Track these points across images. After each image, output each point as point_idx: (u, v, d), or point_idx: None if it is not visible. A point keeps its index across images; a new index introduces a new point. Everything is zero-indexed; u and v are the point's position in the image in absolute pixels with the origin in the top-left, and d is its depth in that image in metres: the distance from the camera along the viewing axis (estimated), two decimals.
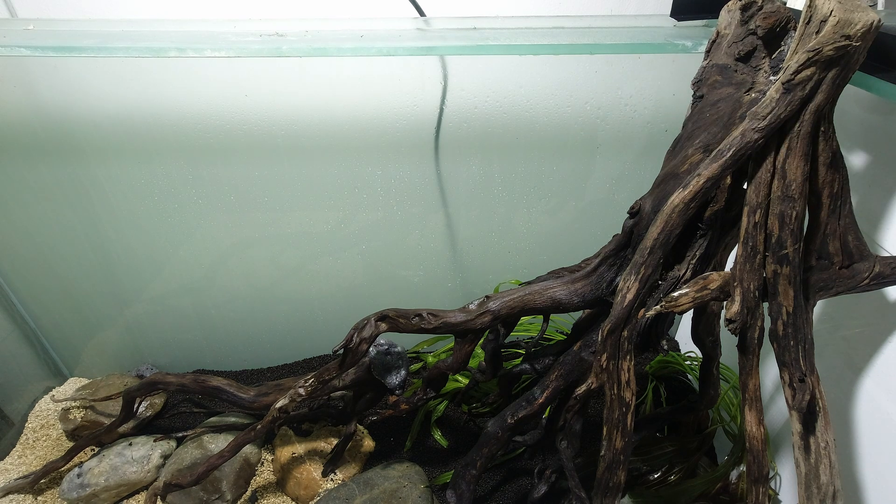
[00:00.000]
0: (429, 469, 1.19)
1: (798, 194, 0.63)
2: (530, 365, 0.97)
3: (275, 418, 0.96)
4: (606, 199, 1.30)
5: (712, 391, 0.96)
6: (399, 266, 1.38)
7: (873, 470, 0.84)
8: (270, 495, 1.19)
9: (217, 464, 1.01)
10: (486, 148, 1.19)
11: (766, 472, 0.74)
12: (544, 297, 0.83)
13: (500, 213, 1.30)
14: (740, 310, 0.68)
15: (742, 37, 0.71)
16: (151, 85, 1.04)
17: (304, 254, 1.32)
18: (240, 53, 0.84)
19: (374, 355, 1.03)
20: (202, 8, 1.00)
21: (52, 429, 1.33)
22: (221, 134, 1.10)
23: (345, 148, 1.15)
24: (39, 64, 1.01)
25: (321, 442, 1.23)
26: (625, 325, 0.74)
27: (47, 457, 1.26)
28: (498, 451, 0.94)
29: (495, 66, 1.09)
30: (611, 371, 0.76)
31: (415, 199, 1.24)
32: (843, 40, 0.56)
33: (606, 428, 0.78)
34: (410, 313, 0.85)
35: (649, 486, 1.08)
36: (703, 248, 0.74)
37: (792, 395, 0.68)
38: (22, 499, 1.17)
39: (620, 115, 1.17)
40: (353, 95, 1.09)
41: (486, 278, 1.42)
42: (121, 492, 1.16)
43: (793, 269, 0.65)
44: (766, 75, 0.70)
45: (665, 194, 0.71)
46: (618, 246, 0.79)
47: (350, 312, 1.36)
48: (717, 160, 0.64)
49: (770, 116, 0.61)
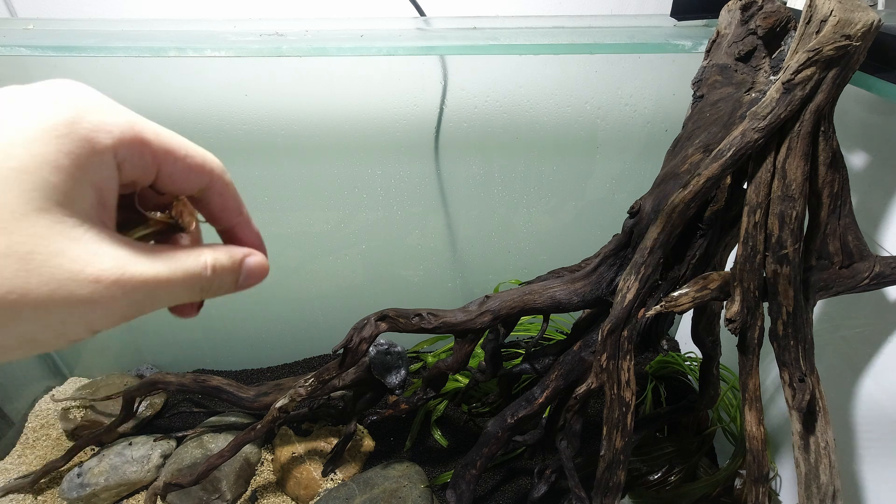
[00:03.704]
0: (429, 469, 1.19)
1: (798, 194, 0.63)
2: (530, 365, 0.97)
3: (275, 418, 0.96)
4: (606, 199, 1.30)
5: (712, 391, 0.96)
6: (399, 266, 1.38)
7: (873, 470, 0.84)
8: (270, 495, 1.19)
9: (217, 463, 1.01)
10: (486, 148, 1.19)
11: (766, 472, 0.74)
12: (544, 297, 0.82)
13: (500, 213, 1.30)
14: (740, 310, 0.68)
15: (742, 36, 0.71)
16: (151, 84, 1.04)
17: (304, 254, 1.32)
18: (240, 53, 0.84)
19: (374, 355, 1.03)
20: (202, 8, 1.00)
21: (52, 428, 1.33)
22: (221, 134, 1.10)
23: (345, 148, 1.15)
24: (40, 63, 1.01)
25: (321, 442, 1.23)
26: (625, 324, 0.74)
27: (47, 456, 1.26)
28: (498, 450, 0.94)
29: (495, 66, 1.09)
30: (611, 371, 0.76)
31: (415, 199, 1.24)
32: (844, 40, 0.56)
33: (606, 428, 0.78)
34: (410, 313, 0.85)
35: (649, 486, 1.08)
36: (703, 248, 0.74)
37: (792, 395, 0.68)
38: (22, 498, 1.17)
39: (620, 115, 1.17)
40: (353, 95, 1.09)
41: (486, 278, 1.42)
42: (121, 491, 1.16)
43: (793, 269, 0.65)
44: (766, 75, 0.70)
45: (665, 194, 0.71)
46: (618, 246, 0.79)
47: (350, 312, 1.36)
48: (717, 160, 0.64)
49: (770, 116, 0.61)
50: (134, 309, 0.24)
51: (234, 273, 0.29)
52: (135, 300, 0.24)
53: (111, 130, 0.24)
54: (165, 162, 0.27)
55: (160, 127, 0.27)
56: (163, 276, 0.25)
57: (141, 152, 0.26)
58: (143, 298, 0.24)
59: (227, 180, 0.31)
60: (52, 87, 0.24)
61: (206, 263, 0.27)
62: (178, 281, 0.26)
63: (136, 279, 0.24)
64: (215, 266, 0.28)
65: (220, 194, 0.31)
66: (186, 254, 0.27)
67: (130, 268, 0.24)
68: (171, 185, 0.28)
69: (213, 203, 0.31)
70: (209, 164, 0.30)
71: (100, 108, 0.24)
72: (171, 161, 0.27)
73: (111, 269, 0.23)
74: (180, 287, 0.26)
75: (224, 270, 0.28)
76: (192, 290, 0.27)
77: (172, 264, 0.26)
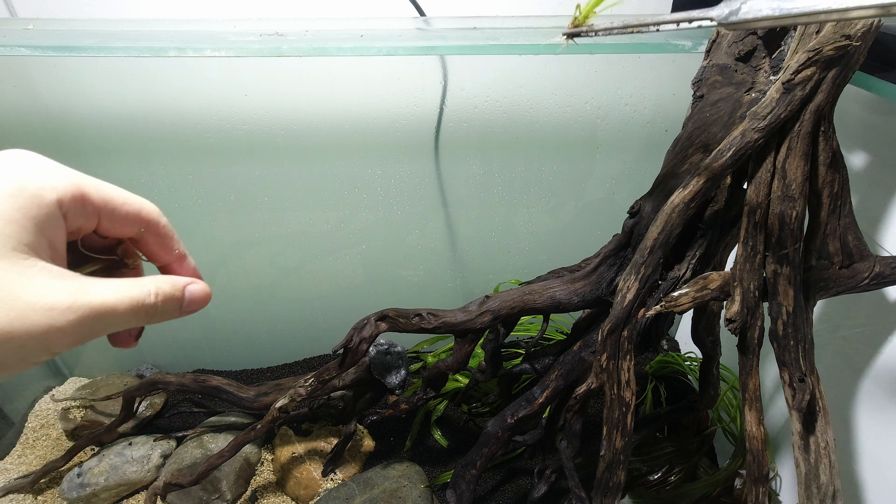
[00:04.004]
0: (429, 469, 1.19)
1: (798, 194, 0.63)
2: (530, 365, 0.97)
3: (275, 418, 0.96)
4: (606, 199, 1.30)
5: (712, 391, 0.96)
6: (399, 266, 1.38)
7: (873, 470, 0.84)
8: (270, 495, 1.19)
9: (217, 463, 1.01)
10: (486, 148, 1.19)
11: (766, 472, 0.74)
12: (544, 297, 0.82)
13: (500, 213, 1.30)
14: (740, 310, 0.68)
15: (742, 36, 0.71)
16: (151, 84, 1.04)
17: (304, 254, 1.32)
18: (240, 53, 0.84)
19: (374, 355, 1.03)
20: (202, 8, 1.00)
21: (52, 428, 1.33)
22: (221, 134, 1.10)
23: (345, 148, 1.15)
24: (40, 63, 1.01)
25: (321, 442, 1.23)
26: (625, 324, 0.74)
27: (47, 456, 1.26)
28: (498, 450, 0.94)
29: (495, 66, 1.09)
30: (611, 371, 0.76)
31: (415, 199, 1.24)
32: (844, 40, 0.56)
33: (606, 428, 0.78)
34: (410, 313, 0.85)
35: (649, 486, 1.08)
36: (703, 248, 0.74)
37: (792, 395, 0.68)
38: (22, 498, 1.17)
39: (620, 115, 1.17)
40: (353, 95, 1.09)
41: (486, 278, 1.42)
42: (121, 491, 1.16)
43: (793, 269, 0.65)
44: (766, 75, 0.70)
45: (665, 194, 0.71)
46: (618, 246, 0.79)
47: (350, 312, 1.36)
48: (717, 160, 0.64)
49: (770, 116, 0.61)
50: (86, 331, 0.28)
51: (177, 300, 0.33)
52: (86, 324, 0.28)
53: (55, 187, 0.29)
54: (105, 210, 0.32)
55: (101, 182, 0.32)
56: (110, 303, 0.29)
57: (83, 203, 0.30)
58: (93, 322, 0.28)
59: (164, 223, 0.36)
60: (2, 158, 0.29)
61: (150, 290, 0.31)
62: (125, 306, 0.29)
63: (86, 305, 0.28)
64: (158, 293, 0.31)
65: (158, 235, 0.36)
66: (132, 283, 0.31)
67: (81, 296, 0.27)
68: (112, 230, 0.33)
69: (151, 243, 0.36)
70: (145, 210, 0.35)
71: (45, 170, 0.29)
72: (109, 209, 0.32)
73: (63, 298, 0.27)
74: (128, 311, 0.30)
75: (167, 297, 0.32)
76: (138, 314, 0.30)
77: (119, 292, 0.29)
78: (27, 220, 0.27)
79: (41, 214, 0.28)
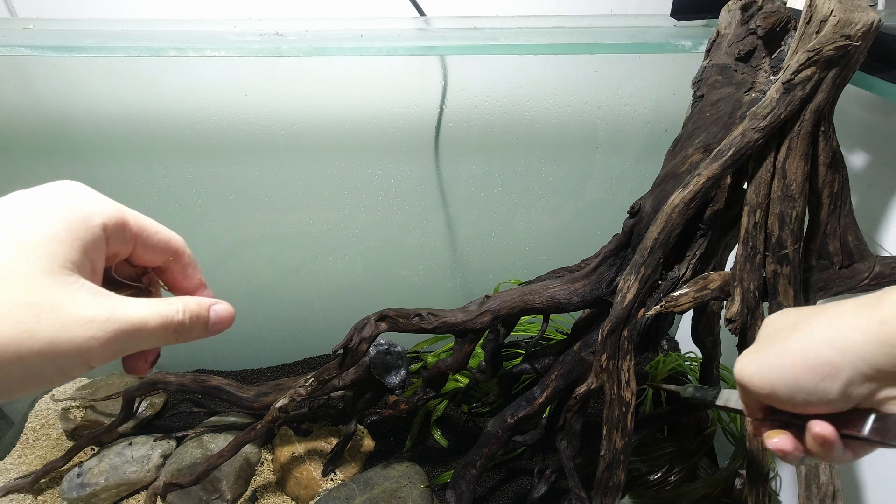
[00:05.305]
0: (429, 469, 1.19)
1: (798, 194, 0.63)
2: (530, 365, 0.97)
3: (275, 418, 0.96)
4: (606, 199, 1.30)
5: None
6: (399, 266, 1.38)
7: (873, 470, 0.84)
8: (270, 495, 1.19)
9: (217, 463, 1.01)
10: (486, 148, 1.19)
11: (765, 472, 0.74)
12: (544, 297, 0.83)
13: (500, 213, 1.30)
14: (740, 310, 0.68)
15: (742, 36, 0.71)
16: (151, 84, 1.04)
17: (304, 254, 1.32)
18: (240, 53, 0.84)
19: (374, 355, 1.03)
20: (202, 8, 1.00)
21: (52, 428, 1.33)
22: (221, 134, 1.10)
23: (345, 148, 1.15)
24: (40, 63, 1.01)
25: (321, 442, 1.23)
26: (625, 324, 0.74)
27: (47, 456, 1.26)
28: (498, 450, 0.94)
29: (495, 66, 1.09)
30: (611, 371, 0.76)
31: (415, 199, 1.24)
32: (844, 40, 0.56)
33: (606, 428, 0.78)
34: (410, 313, 0.85)
35: (649, 486, 1.08)
36: (703, 248, 0.74)
37: None
38: (22, 498, 1.17)
39: (620, 115, 1.17)
40: (353, 95, 1.09)
41: (486, 278, 1.42)
42: (121, 491, 1.16)
43: (793, 269, 0.66)
44: (766, 75, 0.70)
45: (665, 194, 0.71)
46: (618, 246, 0.79)
47: (350, 312, 1.36)
48: (717, 160, 0.65)
49: (770, 116, 0.61)
50: (120, 346, 0.30)
51: (204, 319, 0.36)
52: (121, 338, 0.30)
53: (101, 213, 0.32)
54: (140, 238, 0.35)
55: (138, 213, 0.35)
56: (144, 318, 0.31)
57: (123, 230, 0.33)
58: (126, 337, 0.30)
59: (189, 253, 0.39)
60: (56, 186, 0.32)
61: (179, 308, 0.33)
62: (156, 322, 0.32)
63: (122, 319, 0.30)
64: (186, 310, 0.34)
65: (182, 264, 0.39)
66: (161, 302, 0.33)
67: (118, 311, 0.30)
68: (143, 258, 0.36)
69: (175, 272, 0.39)
70: (174, 240, 0.37)
71: (92, 198, 0.32)
72: (144, 237, 0.35)
73: (102, 312, 0.29)
74: (158, 327, 0.32)
75: (194, 315, 0.35)
76: (167, 331, 0.33)
77: (151, 309, 0.32)
78: (75, 241, 0.30)
79: (88, 237, 0.31)
